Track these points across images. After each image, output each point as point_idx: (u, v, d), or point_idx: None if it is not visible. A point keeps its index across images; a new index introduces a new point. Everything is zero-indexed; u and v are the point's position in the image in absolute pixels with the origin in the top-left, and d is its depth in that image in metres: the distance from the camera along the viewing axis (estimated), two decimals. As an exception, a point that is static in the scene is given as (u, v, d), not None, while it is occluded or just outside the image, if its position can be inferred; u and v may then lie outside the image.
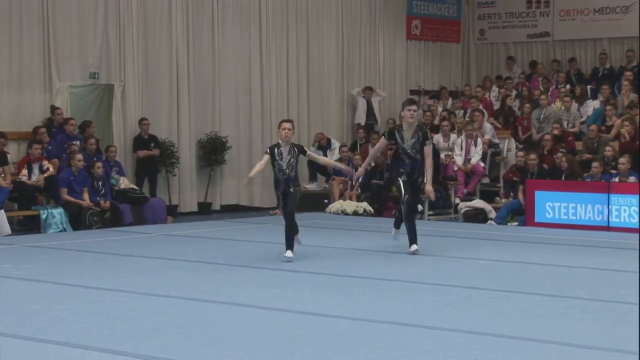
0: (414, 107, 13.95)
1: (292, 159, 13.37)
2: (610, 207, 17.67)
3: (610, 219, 17.64)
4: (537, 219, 18.50)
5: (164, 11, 21.10)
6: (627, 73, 23.16)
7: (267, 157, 13.37)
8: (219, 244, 15.85)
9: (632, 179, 18.41)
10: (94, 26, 20.01)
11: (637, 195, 17.38)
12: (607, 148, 19.78)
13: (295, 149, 13.47)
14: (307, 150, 14.25)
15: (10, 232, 16.87)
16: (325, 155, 22.70)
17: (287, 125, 13.43)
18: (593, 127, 20.90)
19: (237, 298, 10.44)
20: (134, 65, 20.52)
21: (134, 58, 20.51)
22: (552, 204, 18.38)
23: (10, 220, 17.17)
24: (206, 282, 11.70)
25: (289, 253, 13.21)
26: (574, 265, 13.39)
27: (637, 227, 17.11)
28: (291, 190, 13.50)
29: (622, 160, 18.70)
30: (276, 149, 13.34)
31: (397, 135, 13.91)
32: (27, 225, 17.95)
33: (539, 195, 18.61)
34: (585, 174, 19.21)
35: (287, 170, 13.33)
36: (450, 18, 27.14)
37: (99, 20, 20.05)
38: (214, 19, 21.94)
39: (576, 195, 18.13)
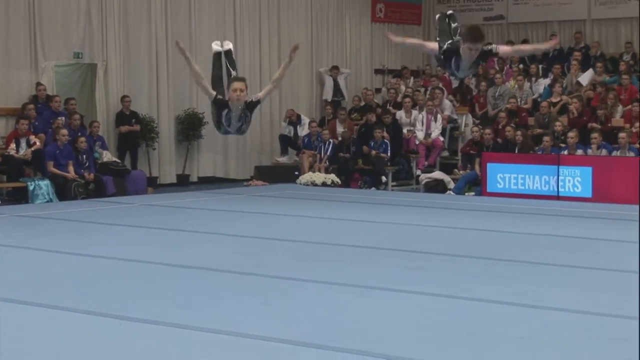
0: (478, 47, 9.32)
1: (243, 125, 9.68)
2: (559, 177, 17.78)
3: (559, 189, 17.76)
4: (489, 189, 18.60)
5: (143, -5, 21.02)
6: (576, 53, 23.31)
7: (206, 82, 9.66)
8: (197, 213, 15.83)
9: (579, 152, 18.55)
10: (78, 8, 19.87)
11: (582, 167, 17.54)
12: (557, 123, 19.89)
13: (248, 113, 9.62)
14: (259, 99, 9.74)
15: (-1, 202, 16.83)
16: (295, 130, 22.76)
17: (238, 85, 9.47)
18: (544, 103, 21.01)
19: (214, 263, 10.44)
20: (115, 46, 20.42)
21: (115, 39, 20.40)
22: (502, 175, 18.50)
23: (-1, 191, 17.14)
24: (184, 249, 11.69)
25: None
26: (526, 232, 13.46)
27: (584, 196, 17.29)
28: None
29: (570, 134, 18.84)
30: (225, 111, 9.53)
31: (454, 61, 9.45)
32: (15, 196, 17.87)
33: (490, 167, 18.71)
34: (537, 147, 19.31)
35: (235, 133, 9.97)
36: (412, 2, 27.14)
37: (82, 3, 19.91)
38: (191, 2, 21.83)
39: (528, 167, 18.25)
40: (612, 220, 14.78)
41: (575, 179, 17.68)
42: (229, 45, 9.41)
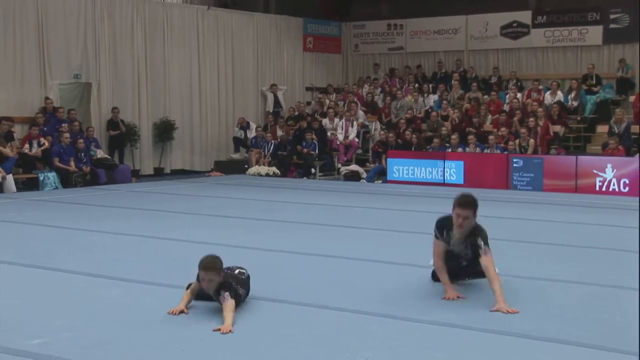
0: (465, 213, 6.93)
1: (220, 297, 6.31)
2: (445, 169, 17.97)
3: (445, 178, 17.95)
4: (389, 178, 18.75)
5: (127, 29, 20.73)
6: (455, 75, 23.57)
7: (189, 292, 6.57)
8: (169, 197, 15.73)
9: (460, 149, 18.77)
10: (77, 40, 19.61)
11: (456, 161, 17.76)
12: (443, 128, 20.09)
13: (222, 292, 6.26)
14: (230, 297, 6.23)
15: (15, 190, 16.53)
16: (245, 133, 22.69)
17: (204, 275, 6.34)
18: (433, 113, 21.21)
19: (180, 235, 10.40)
20: (106, 69, 20.18)
21: (106, 63, 20.17)
22: (398, 167, 18.66)
23: (16, 181, 16.84)
24: (159, 225, 11.62)
25: None
26: (423, 210, 13.58)
27: (458, 183, 17.51)
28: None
29: (453, 137, 19.06)
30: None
31: (445, 233, 7.12)
32: (28, 185, 17.58)
33: (390, 161, 18.85)
34: (428, 146, 19.49)
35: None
36: (334, 36, 27.14)
37: (80, 35, 19.66)
38: (164, 35, 21.63)
39: (421, 161, 18.39)
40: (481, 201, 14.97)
41: (451, 170, 17.91)
42: None
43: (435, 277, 7.30)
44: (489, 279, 6.65)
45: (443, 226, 7.10)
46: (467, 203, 6.96)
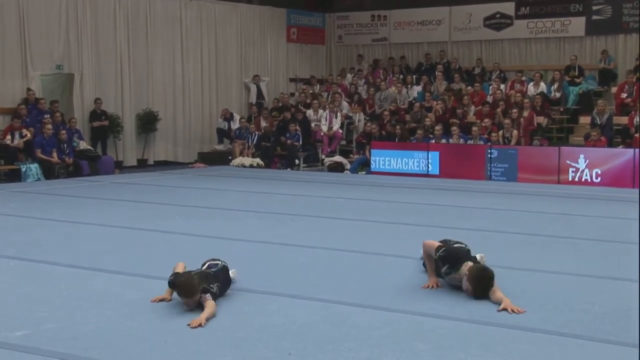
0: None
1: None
2: (429, 160, 18.02)
3: (428, 169, 18.00)
4: (373, 169, 18.79)
5: (110, 19, 20.65)
6: (439, 66, 23.59)
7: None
8: (153, 188, 15.69)
9: (443, 141, 18.81)
10: (59, 30, 19.52)
11: (432, 152, 17.80)
12: (427, 119, 20.13)
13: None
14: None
15: (-2, 181, 16.51)
16: (229, 125, 22.66)
17: (184, 300, 6.24)
18: (417, 105, 21.24)
19: (163, 226, 10.38)
20: (89, 59, 20.09)
21: (89, 54, 20.08)
22: (381, 158, 18.70)
23: (-2, 172, 16.83)
24: (143, 216, 11.60)
25: None
26: (407, 201, 13.62)
27: (434, 173, 17.56)
28: None
29: (437, 128, 19.09)
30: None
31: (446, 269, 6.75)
32: (10, 176, 17.51)
33: (373, 152, 18.89)
34: (412, 138, 19.52)
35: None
36: (318, 27, 27.13)
37: (62, 26, 19.56)
38: (147, 25, 21.55)
39: (405, 153, 18.42)
40: (457, 192, 15.03)
41: (428, 161, 17.98)
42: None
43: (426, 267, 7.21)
44: (498, 297, 6.37)
45: (448, 262, 6.68)
46: (482, 293, 6.45)
